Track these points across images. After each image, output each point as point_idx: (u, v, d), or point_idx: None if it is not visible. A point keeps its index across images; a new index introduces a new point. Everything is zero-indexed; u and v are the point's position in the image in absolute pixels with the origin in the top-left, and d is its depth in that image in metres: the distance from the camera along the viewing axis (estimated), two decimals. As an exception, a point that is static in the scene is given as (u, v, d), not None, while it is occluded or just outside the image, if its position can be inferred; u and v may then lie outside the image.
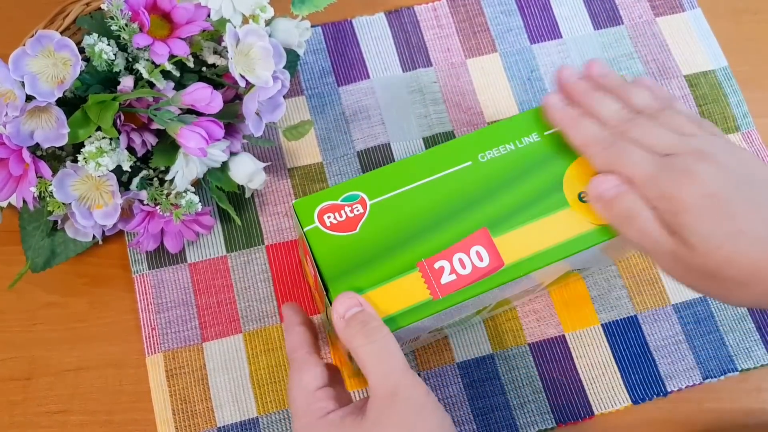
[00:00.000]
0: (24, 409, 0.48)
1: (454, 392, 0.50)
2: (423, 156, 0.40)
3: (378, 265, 0.37)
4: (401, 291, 0.37)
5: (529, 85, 0.58)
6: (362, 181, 0.39)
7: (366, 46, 0.59)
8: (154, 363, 0.49)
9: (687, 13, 0.61)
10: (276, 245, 0.53)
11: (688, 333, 0.52)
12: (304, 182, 0.54)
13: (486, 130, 0.41)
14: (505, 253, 0.38)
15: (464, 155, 0.40)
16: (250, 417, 0.48)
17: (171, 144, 0.45)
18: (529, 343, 0.51)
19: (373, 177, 0.40)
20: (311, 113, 0.57)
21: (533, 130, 0.41)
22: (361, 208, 0.39)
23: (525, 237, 0.38)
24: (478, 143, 0.40)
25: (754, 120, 0.58)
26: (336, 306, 0.35)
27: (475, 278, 0.37)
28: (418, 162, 0.40)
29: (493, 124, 0.41)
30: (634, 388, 0.50)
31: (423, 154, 0.40)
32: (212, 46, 0.47)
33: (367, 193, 0.39)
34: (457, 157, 0.40)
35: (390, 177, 0.40)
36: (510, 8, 0.61)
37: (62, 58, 0.41)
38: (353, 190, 0.39)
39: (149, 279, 0.51)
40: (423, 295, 0.37)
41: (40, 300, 0.51)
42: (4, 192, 0.43)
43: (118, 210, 0.44)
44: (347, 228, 0.38)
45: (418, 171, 0.40)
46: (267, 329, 0.51)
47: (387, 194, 0.39)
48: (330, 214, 0.38)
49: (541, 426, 0.49)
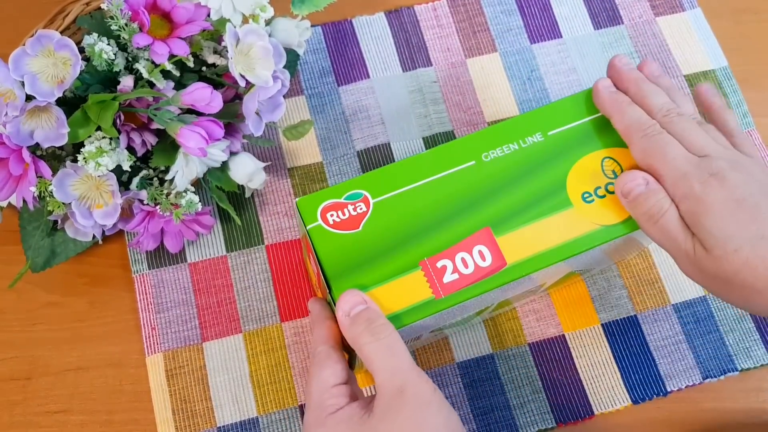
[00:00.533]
0: (24, 408, 0.48)
1: (454, 392, 0.50)
2: (426, 155, 0.40)
3: (380, 264, 0.37)
4: (404, 289, 0.37)
5: (529, 85, 0.58)
6: (365, 180, 0.39)
7: (366, 45, 0.59)
8: (154, 363, 0.49)
9: (687, 13, 0.61)
10: (276, 245, 0.53)
11: (688, 333, 0.52)
12: (304, 182, 0.54)
13: (490, 129, 0.41)
14: (508, 253, 0.38)
15: (468, 155, 0.40)
16: (249, 417, 0.48)
17: (171, 144, 0.45)
18: (529, 343, 0.51)
19: (376, 175, 0.40)
20: (311, 113, 0.57)
21: (537, 130, 0.41)
22: (364, 206, 0.39)
23: (528, 237, 0.38)
24: (482, 143, 0.41)
25: (754, 120, 0.58)
26: (341, 303, 0.35)
27: (478, 278, 0.37)
28: (421, 161, 0.40)
29: (496, 123, 0.41)
30: (634, 388, 0.50)
31: (426, 153, 0.40)
32: (212, 45, 0.47)
33: (370, 192, 0.39)
34: (460, 156, 0.40)
35: (393, 176, 0.40)
36: (510, 8, 0.61)
37: (62, 57, 0.41)
38: (356, 188, 0.39)
39: (149, 279, 0.51)
40: (425, 294, 0.37)
41: (40, 300, 0.51)
42: (4, 192, 0.43)
43: (118, 210, 0.44)
44: (350, 226, 0.38)
45: (422, 170, 0.40)
46: (267, 329, 0.51)
47: (390, 193, 0.39)
48: (333, 212, 0.38)
49: (541, 426, 0.49)
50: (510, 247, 0.38)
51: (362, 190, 0.39)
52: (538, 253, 0.38)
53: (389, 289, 0.37)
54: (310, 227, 0.38)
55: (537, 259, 0.38)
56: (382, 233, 0.38)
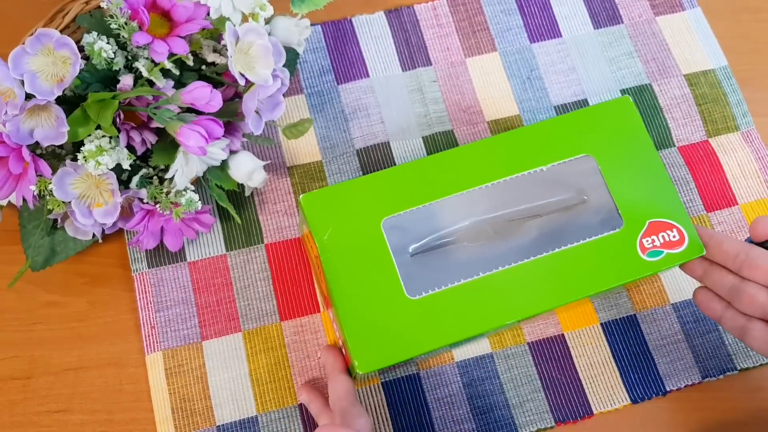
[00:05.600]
0: (24, 408, 0.48)
1: (454, 391, 0.50)
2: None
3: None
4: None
5: (528, 84, 0.58)
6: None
7: (366, 44, 0.59)
8: (154, 361, 0.49)
9: (687, 13, 0.61)
10: (275, 244, 0.53)
11: (687, 332, 0.52)
12: (303, 181, 0.54)
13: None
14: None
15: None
16: (249, 415, 0.48)
17: (171, 142, 0.45)
18: (528, 342, 0.51)
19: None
20: (311, 112, 0.57)
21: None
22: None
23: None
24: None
25: (754, 119, 0.58)
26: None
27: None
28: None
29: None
30: (633, 388, 0.50)
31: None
32: (212, 44, 0.47)
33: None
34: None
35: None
36: (510, 7, 0.61)
37: (62, 56, 0.41)
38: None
39: (149, 277, 0.51)
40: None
41: (40, 299, 0.51)
42: (3, 190, 0.43)
43: (117, 208, 0.44)
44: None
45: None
46: (266, 328, 0.51)
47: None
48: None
49: (540, 425, 0.49)
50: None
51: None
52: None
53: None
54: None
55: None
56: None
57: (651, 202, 0.43)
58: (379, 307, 0.41)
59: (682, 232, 0.42)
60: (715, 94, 0.59)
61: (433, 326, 0.40)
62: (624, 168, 0.44)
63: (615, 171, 0.44)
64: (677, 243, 0.42)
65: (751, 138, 0.58)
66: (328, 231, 0.42)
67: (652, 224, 0.43)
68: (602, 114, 0.46)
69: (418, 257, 0.45)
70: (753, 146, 0.57)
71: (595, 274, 0.42)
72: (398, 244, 0.44)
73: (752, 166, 0.57)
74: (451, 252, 0.45)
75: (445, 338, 0.40)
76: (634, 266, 0.42)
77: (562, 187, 0.47)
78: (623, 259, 0.42)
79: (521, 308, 0.41)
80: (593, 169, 0.45)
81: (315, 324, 0.51)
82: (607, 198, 0.44)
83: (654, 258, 0.42)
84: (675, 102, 0.58)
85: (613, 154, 0.45)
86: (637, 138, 0.45)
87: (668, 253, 0.42)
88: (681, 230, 0.43)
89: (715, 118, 0.58)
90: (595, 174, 0.45)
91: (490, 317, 0.41)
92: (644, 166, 0.44)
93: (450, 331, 0.41)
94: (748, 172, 0.56)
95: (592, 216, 0.45)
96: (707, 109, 0.58)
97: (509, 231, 0.46)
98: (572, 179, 0.46)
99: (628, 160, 0.45)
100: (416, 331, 0.40)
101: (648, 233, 0.42)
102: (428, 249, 0.45)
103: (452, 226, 0.46)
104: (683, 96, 0.58)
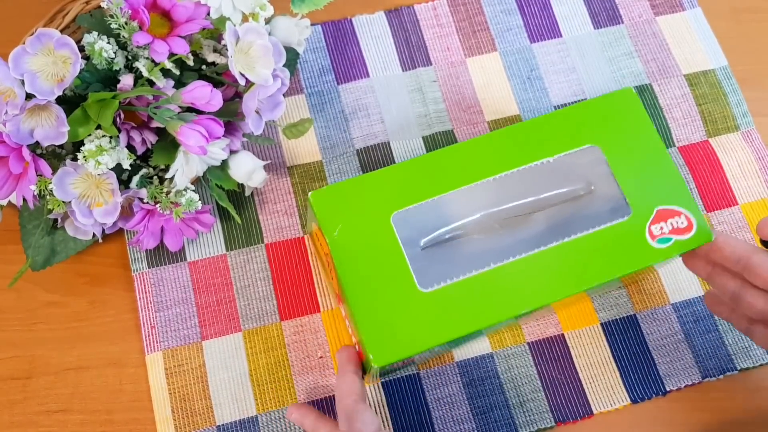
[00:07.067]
0: (24, 408, 0.48)
1: (454, 391, 0.50)
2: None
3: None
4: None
5: (528, 84, 0.58)
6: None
7: (366, 44, 0.59)
8: (154, 361, 0.49)
9: (687, 12, 0.61)
10: (276, 243, 0.53)
11: (687, 332, 0.52)
12: (303, 180, 0.54)
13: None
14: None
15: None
16: (249, 415, 0.49)
17: (171, 142, 0.45)
18: (528, 342, 0.51)
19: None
20: (311, 111, 0.57)
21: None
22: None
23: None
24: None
25: (754, 119, 0.58)
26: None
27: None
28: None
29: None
30: (633, 387, 0.50)
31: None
32: (212, 44, 0.47)
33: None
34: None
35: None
36: (510, 7, 0.61)
37: (62, 56, 0.41)
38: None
39: (149, 277, 0.51)
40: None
41: (40, 299, 0.51)
42: (4, 190, 0.43)
43: (118, 208, 0.44)
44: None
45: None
46: (266, 328, 0.51)
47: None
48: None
49: (540, 425, 0.49)
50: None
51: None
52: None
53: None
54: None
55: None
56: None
57: (658, 189, 0.43)
58: (391, 300, 0.41)
59: (690, 219, 0.43)
60: (715, 94, 0.59)
61: (447, 318, 0.40)
62: (630, 157, 0.44)
63: (621, 160, 0.44)
64: (686, 229, 0.42)
65: (751, 138, 0.58)
66: (338, 228, 0.42)
67: (660, 211, 0.43)
68: (606, 105, 0.46)
69: (428, 250, 0.45)
70: (753, 146, 0.57)
71: (606, 262, 0.42)
72: (408, 238, 0.44)
73: (752, 166, 0.57)
74: (461, 245, 0.45)
75: (460, 329, 0.40)
76: (644, 253, 0.42)
77: (569, 177, 0.47)
78: (633, 247, 0.42)
79: (534, 298, 0.41)
80: (599, 159, 0.45)
81: (315, 324, 0.51)
82: (614, 187, 0.44)
83: (663, 245, 0.42)
84: (675, 102, 0.58)
85: (618, 144, 0.45)
86: (642, 128, 0.45)
87: (677, 240, 0.42)
88: (689, 217, 0.43)
89: (715, 118, 0.58)
90: (601, 164, 0.45)
91: (503, 308, 0.41)
92: (650, 155, 0.44)
93: (464, 323, 0.40)
94: (748, 172, 0.56)
95: (601, 205, 0.45)
96: (707, 109, 0.58)
97: (518, 222, 0.46)
98: (579, 170, 0.46)
99: (634, 150, 0.45)
100: (430, 324, 0.40)
101: (656, 220, 0.43)
102: (439, 242, 0.45)
103: (461, 219, 0.46)
104: (683, 96, 0.58)
